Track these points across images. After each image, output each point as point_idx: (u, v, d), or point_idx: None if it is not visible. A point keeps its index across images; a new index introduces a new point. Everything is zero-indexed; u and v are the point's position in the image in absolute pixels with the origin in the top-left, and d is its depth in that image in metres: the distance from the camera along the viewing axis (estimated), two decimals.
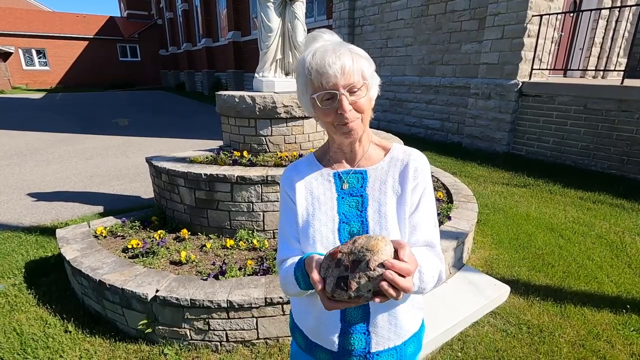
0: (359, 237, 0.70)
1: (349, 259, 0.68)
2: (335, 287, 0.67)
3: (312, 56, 0.81)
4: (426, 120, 8.12)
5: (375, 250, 0.66)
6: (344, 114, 0.81)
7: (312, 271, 0.72)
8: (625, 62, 5.64)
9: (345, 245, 0.70)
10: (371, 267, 0.65)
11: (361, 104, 0.83)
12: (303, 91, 0.87)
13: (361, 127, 0.87)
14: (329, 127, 0.88)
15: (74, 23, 27.74)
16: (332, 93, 0.81)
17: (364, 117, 0.86)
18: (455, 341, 2.22)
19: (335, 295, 0.67)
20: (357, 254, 0.67)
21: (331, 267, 0.69)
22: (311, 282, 0.71)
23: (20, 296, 2.61)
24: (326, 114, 0.84)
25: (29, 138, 8.60)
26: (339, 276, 0.67)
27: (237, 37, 16.81)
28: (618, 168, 5.20)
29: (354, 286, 0.65)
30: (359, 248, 0.67)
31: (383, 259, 0.65)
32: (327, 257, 0.71)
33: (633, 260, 3.07)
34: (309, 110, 0.90)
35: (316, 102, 0.83)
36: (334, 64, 0.78)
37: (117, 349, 2.13)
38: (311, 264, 0.74)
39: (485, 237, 3.49)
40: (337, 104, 0.81)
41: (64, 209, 4.36)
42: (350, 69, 0.80)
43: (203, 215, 2.96)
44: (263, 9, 3.26)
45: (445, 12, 7.26)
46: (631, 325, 2.31)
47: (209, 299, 2.03)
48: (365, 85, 0.83)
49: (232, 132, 3.37)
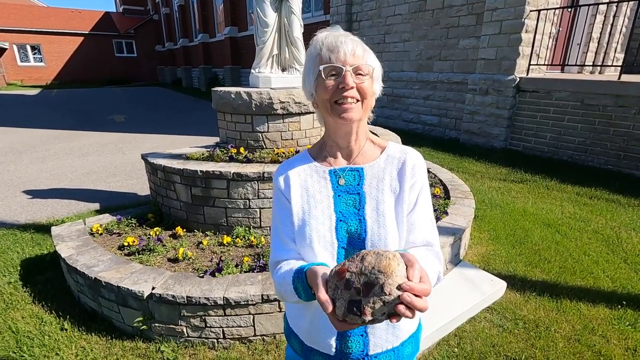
0: (367, 254, 0.65)
1: (360, 280, 0.63)
2: (348, 311, 0.63)
3: (326, 35, 0.86)
4: (424, 116, 8.11)
5: (388, 272, 0.62)
6: (345, 88, 0.82)
7: (319, 290, 0.67)
8: (622, 58, 5.64)
9: (352, 263, 0.66)
10: (386, 292, 0.61)
11: (363, 86, 0.84)
12: (310, 71, 0.88)
13: (359, 113, 0.86)
14: (326, 107, 0.86)
15: (69, 18, 27.47)
16: (338, 68, 0.83)
17: (364, 104, 0.86)
18: (452, 337, 2.22)
19: (347, 320, 0.64)
20: (369, 276, 0.63)
21: (339, 288, 0.65)
22: (318, 302, 0.67)
23: (16, 294, 2.60)
24: (327, 88, 0.84)
25: (23, 135, 8.53)
26: (351, 299, 0.63)
27: (233, 32, 16.68)
28: (615, 164, 5.21)
29: (369, 311, 0.62)
30: (369, 269, 0.63)
31: (398, 282, 0.61)
32: (334, 276, 0.67)
33: (629, 256, 3.08)
34: (309, 92, 0.90)
35: (321, 75, 0.84)
36: (345, 44, 0.83)
37: (114, 347, 2.13)
38: (315, 280, 0.70)
39: (482, 232, 3.50)
40: (340, 79, 0.82)
41: (60, 206, 4.33)
42: (360, 54, 0.84)
43: (199, 212, 2.95)
44: (259, 4, 3.22)
45: (442, 7, 7.23)
46: (626, 319, 2.33)
47: (205, 296, 2.02)
48: (371, 74, 0.86)
49: (228, 129, 3.35)
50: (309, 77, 0.88)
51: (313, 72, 0.87)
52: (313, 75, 0.87)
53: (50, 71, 26.17)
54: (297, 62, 3.48)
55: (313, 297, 0.74)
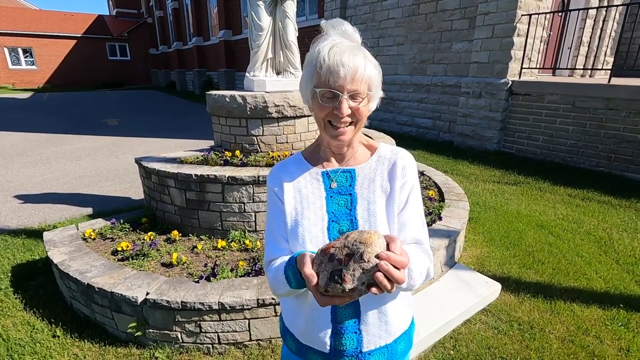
0: (351, 232, 0.71)
1: (343, 252, 0.67)
2: (329, 280, 0.66)
3: (328, 52, 0.80)
4: (418, 119, 8.16)
5: (368, 242, 0.66)
6: (340, 117, 0.83)
7: (305, 265, 0.70)
8: (612, 61, 5.74)
9: (337, 241, 0.70)
10: (365, 259, 0.65)
11: (360, 111, 0.85)
12: (307, 80, 0.86)
13: (351, 134, 0.87)
14: (320, 123, 0.89)
15: (62, 21, 27.22)
16: (335, 93, 0.82)
17: (358, 124, 0.87)
18: (448, 339, 2.23)
19: (329, 290, 0.67)
20: (351, 248, 0.67)
21: (324, 262, 0.69)
22: (303, 277, 0.70)
23: (7, 301, 2.55)
24: (323, 109, 0.84)
25: (15, 139, 8.43)
26: (333, 270, 0.67)
27: (228, 36, 16.68)
28: (606, 165, 5.28)
29: (349, 278, 0.65)
30: (352, 242, 0.68)
31: (377, 251, 0.65)
32: (320, 253, 0.71)
33: (621, 257, 3.12)
34: (306, 99, 0.90)
35: (317, 95, 0.83)
36: (347, 65, 0.79)
37: (107, 353, 2.10)
38: (303, 260, 0.73)
39: (477, 235, 3.52)
40: (337, 104, 0.82)
41: (52, 211, 4.28)
42: (360, 76, 0.80)
43: (194, 216, 2.93)
44: (253, 7, 3.23)
45: (436, 11, 7.30)
46: (619, 320, 2.35)
47: (200, 301, 2.01)
48: (369, 97, 0.85)
49: (223, 132, 3.34)
50: (306, 84, 0.87)
51: (310, 83, 0.85)
52: (310, 85, 0.85)
53: (43, 74, 25.89)
54: (291, 66, 3.48)
55: (303, 283, 0.76)
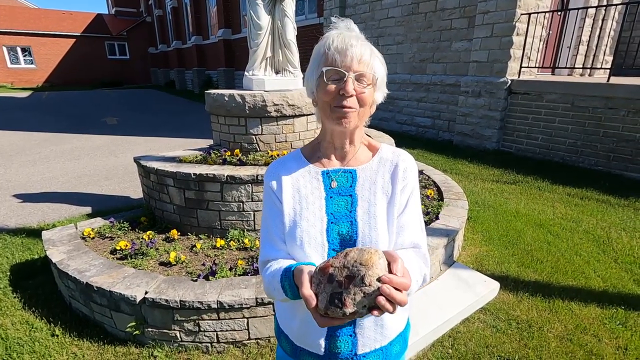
0: (351, 250, 0.68)
1: (342, 274, 0.65)
2: (329, 304, 0.64)
3: (337, 34, 0.83)
4: (417, 118, 8.16)
5: (369, 264, 0.63)
6: (345, 95, 0.81)
7: (303, 286, 0.68)
8: (611, 60, 5.73)
9: (336, 259, 0.67)
10: (367, 283, 0.62)
11: (364, 96, 0.83)
12: (314, 68, 0.86)
13: (355, 120, 0.85)
14: (324, 109, 0.86)
15: (60, 20, 27.17)
16: (341, 73, 0.81)
17: (362, 112, 0.86)
18: (446, 338, 2.23)
19: (329, 313, 0.65)
20: (351, 269, 0.64)
21: (323, 283, 0.66)
22: (302, 297, 0.68)
23: (5, 300, 2.55)
24: (328, 92, 0.83)
25: (13, 138, 8.41)
26: (333, 292, 0.64)
27: (227, 34, 16.65)
28: (605, 164, 5.29)
29: (349, 302, 0.63)
30: (352, 262, 0.65)
31: (379, 274, 0.63)
32: (318, 272, 0.68)
33: (619, 255, 3.12)
34: (310, 90, 0.89)
35: (324, 76, 0.83)
36: (355, 47, 0.81)
37: (106, 352, 2.10)
38: (301, 277, 0.71)
39: (476, 234, 3.53)
40: (342, 84, 0.81)
41: (51, 210, 4.28)
42: (367, 60, 0.82)
43: (193, 216, 2.93)
44: (252, 6, 3.22)
45: (435, 10, 7.29)
46: (617, 319, 2.36)
47: (199, 300, 2.01)
48: (374, 84, 0.85)
49: (222, 131, 3.34)
50: (311, 74, 0.87)
51: (316, 70, 0.85)
52: (316, 73, 0.85)
53: (42, 73, 25.85)
54: (290, 65, 3.48)
55: (299, 295, 0.75)
